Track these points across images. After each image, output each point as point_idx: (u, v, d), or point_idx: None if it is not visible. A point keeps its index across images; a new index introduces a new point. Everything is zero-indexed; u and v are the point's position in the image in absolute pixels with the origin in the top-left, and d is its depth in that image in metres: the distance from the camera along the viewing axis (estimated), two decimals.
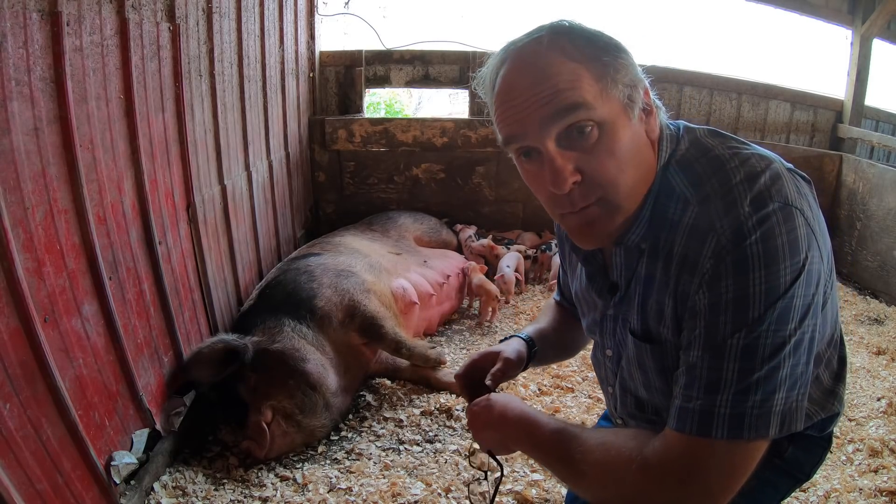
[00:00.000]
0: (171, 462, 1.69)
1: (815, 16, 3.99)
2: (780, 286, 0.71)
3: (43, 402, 1.21)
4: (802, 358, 0.75)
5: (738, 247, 0.72)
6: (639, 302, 0.87)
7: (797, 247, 0.72)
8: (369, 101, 6.23)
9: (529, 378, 2.22)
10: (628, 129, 0.79)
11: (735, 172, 0.77)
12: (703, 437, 0.73)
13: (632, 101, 0.80)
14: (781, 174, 0.77)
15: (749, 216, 0.73)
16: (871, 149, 4.34)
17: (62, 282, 1.30)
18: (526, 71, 0.78)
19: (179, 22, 1.82)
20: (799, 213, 0.74)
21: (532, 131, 0.78)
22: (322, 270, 2.21)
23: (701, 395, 0.74)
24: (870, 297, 3.10)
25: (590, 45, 0.79)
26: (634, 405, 0.98)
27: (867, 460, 1.73)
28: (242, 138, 2.42)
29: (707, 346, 0.75)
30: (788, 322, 0.72)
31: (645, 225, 0.84)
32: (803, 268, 0.72)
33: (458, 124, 3.52)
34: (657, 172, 0.84)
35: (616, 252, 0.90)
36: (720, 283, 0.74)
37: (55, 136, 1.30)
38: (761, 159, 0.79)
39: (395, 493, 1.59)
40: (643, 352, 0.89)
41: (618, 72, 0.78)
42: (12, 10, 1.15)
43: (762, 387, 0.72)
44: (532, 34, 0.81)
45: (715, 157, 0.81)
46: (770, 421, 0.73)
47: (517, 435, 0.92)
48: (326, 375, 1.90)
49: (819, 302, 0.76)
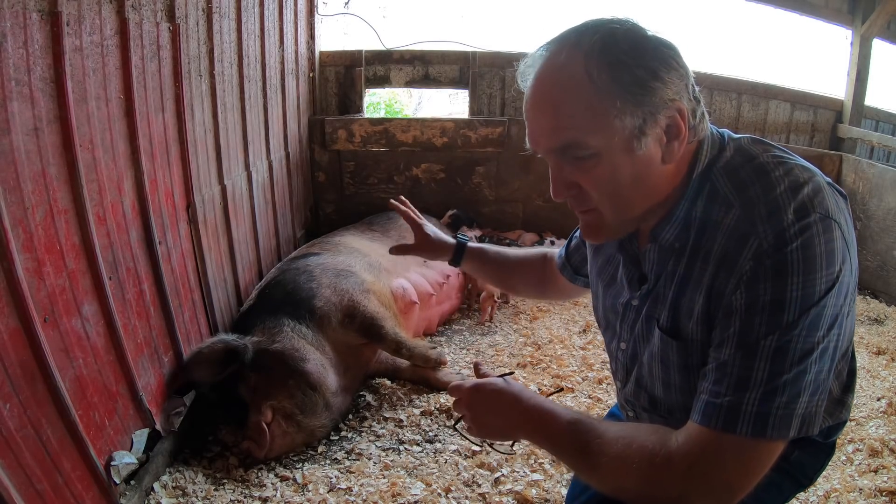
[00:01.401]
0: (171, 462, 1.69)
1: (815, 16, 3.99)
2: (815, 294, 0.74)
3: (43, 402, 1.21)
4: (826, 365, 0.77)
5: (779, 251, 0.75)
6: (672, 299, 0.88)
7: (833, 258, 0.75)
8: (369, 101, 6.24)
9: (529, 378, 2.22)
10: (628, 158, 0.81)
11: (780, 181, 0.80)
12: (729, 432, 0.75)
13: (642, 130, 0.79)
14: (823, 187, 0.80)
15: (792, 223, 0.75)
16: (871, 149, 4.34)
17: (62, 282, 1.30)
18: (538, 93, 0.83)
19: (179, 22, 1.82)
20: (837, 227, 0.76)
21: (540, 148, 0.86)
22: (321, 270, 2.21)
23: (730, 391, 0.76)
24: (870, 297, 3.10)
25: (610, 71, 0.77)
26: (648, 402, 0.98)
27: (867, 460, 1.73)
28: (242, 138, 2.42)
29: (740, 344, 0.77)
30: (818, 329, 0.75)
31: (679, 225, 0.86)
32: (837, 279, 0.75)
33: (458, 124, 3.52)
34: (694, 177, 0.86)
35: (650, 248, 0.92)
36: (758, 285, 0.76)
37: (55, 136, 1.30)
38: (804, 170, 0.82)
39: (395, 493, 1.59)
40: (669, 348, 0.89)
41: (634, 96, 0.78)
42: (12, 10, 1.15)
43: (789, 389, 0.74)
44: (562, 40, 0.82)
45: (760, 165, 0.83)
46: (792, 423, 0.75)
47: (528, 425, 0.91)
48: (326, 375, 1.90)
49: (845, 313, 0.79)
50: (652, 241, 0.90)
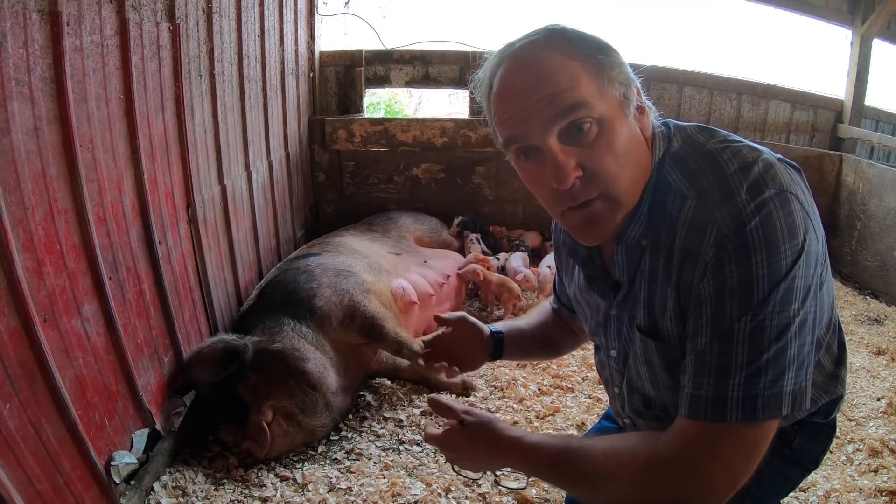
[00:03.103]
0: (171, 462, 1.69)
1: (815, 16, 3.99)
2: (781, 268, 0.73)
3: (43, 402, 1.21)
4: (808, 338, 0.76)
5: (738, 233, 0.74)
6: (645, 297, 0.88)
7: (795, 229, 0.74)
8: (369, 101, 6.23)
9: (529, 378, 2.22)
10: (625, 126, 0.81)
11: (728, 164, 0.79)
12: (719, 422, 0.74)
13: (627, 98, 0.81)
14: (773, 163, 0.79)
15: (747, 203, 0.75)
16: (871, 149, 4.34)
17: (62, 282, 1.30)
18: (524, 71, 0.79)
19: (179, 22, 1.82)
20: (794, 198, 0.75)
21: (534, 131, 0.79)
22: (322, 270, 2.21)
23: (712, 381, 0.75)
24: (870, 297, 3.10)
25: (584, 44, 0.80)
26: (641, 403, 0.98)
27: (867, 460, 1.73)
28: (242, 138, 2.42)
29: (715, 332, 0.76)
30: (792, 302, 0.74)
31: (643, 221, 0.85)
32: (802, 249, 0.74)
33: (458, 124, 3.52)
34: (652, 170, 0.85)
35: (617, 251, 0.90)
36: (724, 270, 0.75)
37: (55, 136, 1.30)
38: (752, 150, 0.81)
39: (395, 493, 1.59)
40: (649, 348, 0.89)
41: (612, 69, 0.80)
42: (12, 10, 1.15)
43: (772, 368, 0.73)
44: (528, 36, 0.82)
45: (707, 152, 0.83)
46: (782, 401, 0.74)
47: (511, 463, 0.90)
48: (326, 375, 1.90)
49: (818, 283, 0.78)
50: (617, 242, 0.89)
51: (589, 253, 0.97)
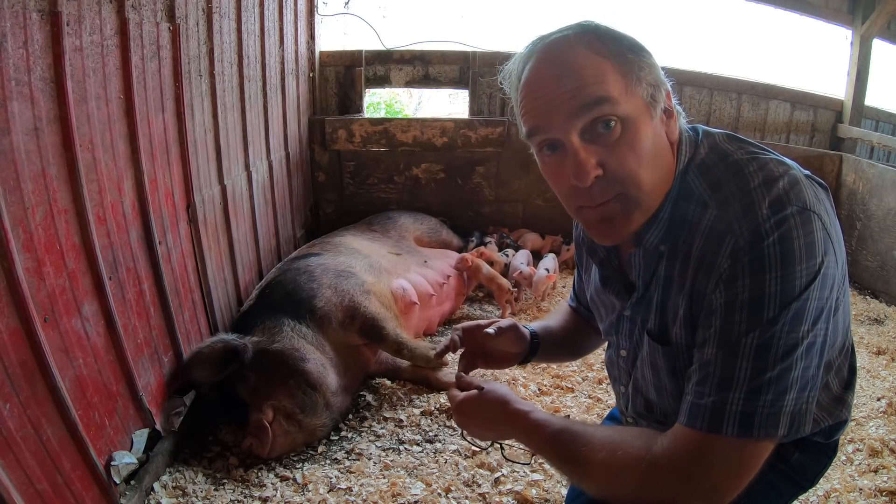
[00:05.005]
0: (171, 462, 1.69)
1: (815, 16, 3.99)
2: (795, 288, 0.72)
3: (43, 402, 1.21)
4: (814, 361, 0.75)
5: (755, 247, 0.73)
6: (658, 303, 0.88)
7: (814, 250, 0.73)
8: (369, 101, 6.23)
9: (529, 378, 2.22)
10: (650, 128, 0.80)
11: (753, 176, 0.78)
12: (714, 433, 0.74)
13: (654, 100, 0.81)
14: (800, 179, 0.78)
15: (767, 218, 0.74)
16: (871, 149, 4.34)
17: (62, 282, 1.30)
18: (553, 64, 0.79)
19: (179, 22, 1.82)
20: (816, 218, 0.74)
21: (557, 124, 0.79)
22: (322, 271, 2.21)
23: (713, 391, 0.75)
24: (870, 297, 3.10)
25: (616, 42, 0.80)
26: (644, 406, 0.98)
27: (867, 460, 1.73)
28: (242, 138, 2.42)
29: (722, 343, 0.75)
30: (802, 324, 0.73)
31: (663, 227, 0.84)
32: (819, 271, 0.73)
33: (458, 124, 3.52)
34: (676, 176, 0.84)
35: (635, 253, 0.90)
36: (737, 283, 0.74)
37: (55, 136, 1.30)
38: (779, 164, 0.80)
39: (395, 493, 1.59)
40: (656, 352, 0.89)
41: (641, 70, 0.80)
42: (12, 10, 1.15)
43: (774, 386, 0.73)
44: (560, 31, 0.82)
45: (734, 162, 0.82)
46: (780, 421, 0.73)
47: (516, 433, 0.92)
48: (326, 375, 1.90)
49: (832, 307, 0.77)
50: (636, 244, 0.88)
51: (607, 253, 0.97)
